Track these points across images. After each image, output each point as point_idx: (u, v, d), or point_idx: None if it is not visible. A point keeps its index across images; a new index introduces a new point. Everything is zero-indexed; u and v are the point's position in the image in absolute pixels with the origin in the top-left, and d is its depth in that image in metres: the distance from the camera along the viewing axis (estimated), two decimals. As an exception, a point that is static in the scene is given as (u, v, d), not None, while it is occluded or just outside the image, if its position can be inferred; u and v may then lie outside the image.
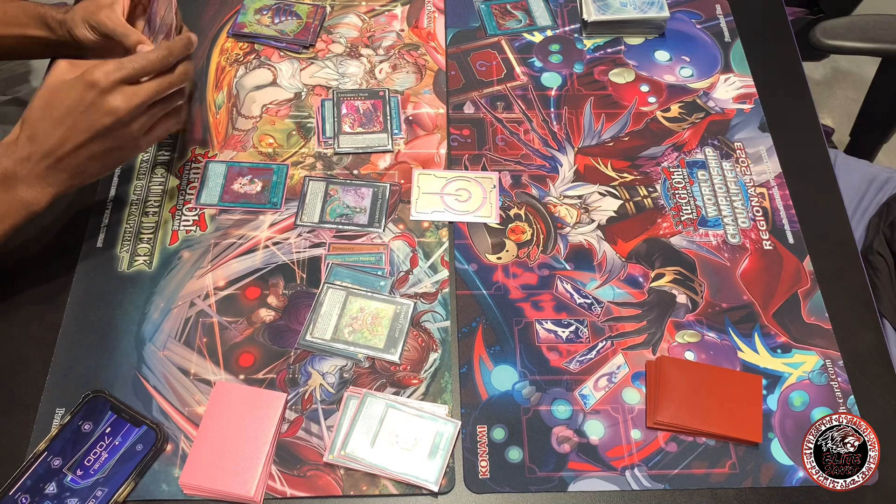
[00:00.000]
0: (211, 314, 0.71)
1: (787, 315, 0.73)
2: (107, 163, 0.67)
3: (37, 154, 0.63)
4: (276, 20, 0.93)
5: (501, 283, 0.74)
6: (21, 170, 0.63)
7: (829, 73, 1.90)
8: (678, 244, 0.78)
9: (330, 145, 0.83)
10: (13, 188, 0.64)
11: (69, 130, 0.62)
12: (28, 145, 0.63)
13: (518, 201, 0.80)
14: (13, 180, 0.63)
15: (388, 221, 0.78)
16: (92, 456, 0.62)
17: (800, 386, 0.69)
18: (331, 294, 0.72)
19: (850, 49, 1.02)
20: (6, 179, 0.63)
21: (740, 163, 0.84)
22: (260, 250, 0.75)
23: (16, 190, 0.64)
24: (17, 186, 0.64)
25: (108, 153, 0.65)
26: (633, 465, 0.65)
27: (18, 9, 0.79)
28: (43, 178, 0.64)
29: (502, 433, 0.66)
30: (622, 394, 0.68)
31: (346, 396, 0.67)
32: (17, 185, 0.64)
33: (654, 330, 0.72)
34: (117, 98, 0.62)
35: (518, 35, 0.94)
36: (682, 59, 0.92)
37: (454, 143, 0.84)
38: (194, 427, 0.65)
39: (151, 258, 0.75)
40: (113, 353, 0.69)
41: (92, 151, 0.64)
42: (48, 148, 0.63)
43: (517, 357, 0.70)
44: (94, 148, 0.64)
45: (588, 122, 0.86)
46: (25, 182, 0.64)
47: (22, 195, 0.64)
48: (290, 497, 0.63)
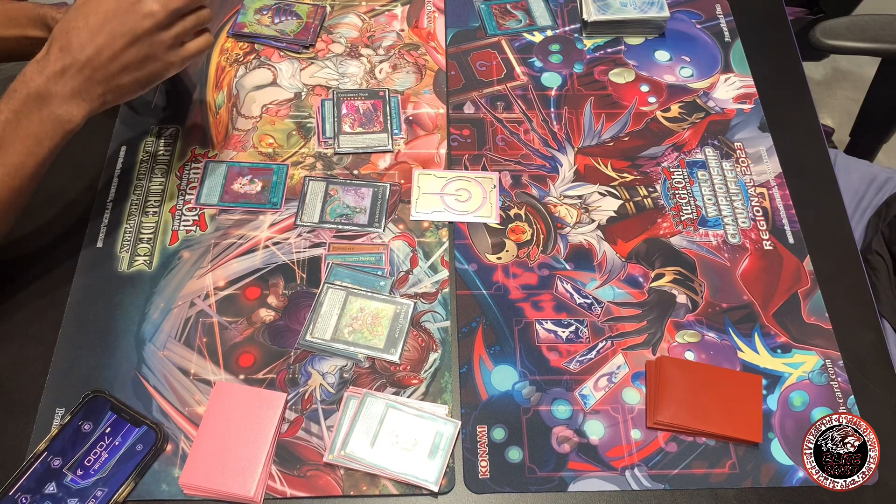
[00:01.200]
0: (211, 314, 0.71)
1: (787, 315, 0.73)
2: (141, 77, 0.66)
3: (72, 67, 0.62)
4: (276, 20, 0.93)
5: (501, 283, 0.74)
6: (54, 86, 0.62)
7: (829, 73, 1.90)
8: (678, 244, 0.78)
9: (330, 145, 0.83)
10: (47, 105, 0.63)
11: (107, 36, 0.62)
12: (61, 58, 0.62)
13: (518, 201, 0.80)
14: (46, 98, 0.62)
15: (388, 221, 0.78)
16: (92, 456, 0.62)
17: (800, 386, 0.69)
18: (331, 294, 0.72)
19: (850, 49, 1.02)
20: (39, 98, 0.62)
21: (740, 163, 0.84)
22: (260, 250, 0.76)
23: (50, 107, 0.63)
24: (50, 104, 0.63)
25: (143, 63, 0.65)
26: (633, 465, 0.65)
27: (17, 10, 0.79)
28: (78, 93, 0.63)
29: (502, 433, 0.66)
30: (622, 394, 0.68)
31: (346, 396, 0.67)
32: (50, 103, 0.63)
33: (654, 330, 0.72)
34: (154, 2, 0.63)
35: (518, 35, 0.94)
36: (683, 59, 0.92)
37: (454, 143, 0.84)
38: (194, 427, 0.65)
39: (151, 258, 0.75)
40: (113, 353, 0.69)
41: (128, 60, 0.64)
42: (84, 58, 0.62)
43: (517, 357, 0.70)
44: (130, 56, 0.64)
45: (588, 122, 0.86)
46: (59, 98, 0.63)
47: (56, 112, 0.63)
48: (290, 497, 0.63)
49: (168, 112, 0.86)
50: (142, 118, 0.85)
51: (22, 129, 0.63)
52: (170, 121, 0.85)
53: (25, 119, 0.62)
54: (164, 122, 0.85)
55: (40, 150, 0.63)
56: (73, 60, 0.62)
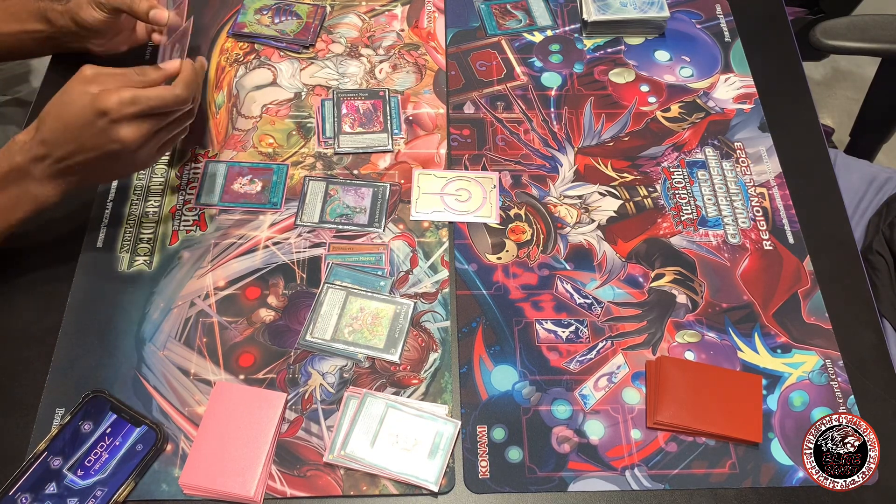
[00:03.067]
0: (211, 314, 0.71)
1: (787, 315, 0.73)
2: (116, 172, 0.72)
3: (49, 157, 0.64)
4: (276, 20, 0.93)
5: (501, 283, 0.74)
6: (33, 168, 0.65)
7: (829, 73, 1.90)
8: (678, 244, 0.78)
9: (330, 145, 0.83)
10: (24, 183, 0.65)
11: (78, 146, 0.63)
12: (42, 146, 0.64)
13: (518, 201, 0.80)
14: (25, 177, 0.65)
15: (388, 221, 0.78)
16: (92, 456, 0.62)
17: (800, 386, 0.69)
18: (331, 294, 0.72)
19: (850, 49, 1.02)
20: (19, 175, 0.65)
21: (740, 163, 0.84)
22: (260, 250, 0.75)
23: (27, 185, 0.66)
24: (28, 182, 0.65)
25: (115, 168, 0.68)
26: (633, 465, 0.65)
27: (17, 4, 0.79)
28: (53, 178, 0.66)
29: (502, 433, 0.66)
30: (622, 394, 0.68)
31: (346, 396, 0.67)
32: (28, 181, 0.65)
33: (654, 330, 0.72)
34: (126, 130, 0.63)
35: (518, 35, 0.94)
36: (682, 59, 0.92)
37: (454, 143, 0.84)
38: (194, 427, 0.65)
39: (151, 258, 0.75)
40: (113, 353, 0.69)
41: (101, 165, 0.66)
42: (59, 156, 0.64)
43: (517, 357, 0.70)
44: (102, 163, 0.65)
45: (588, 122, 0.86)
46: (37, 180, 0.66)
47: (33, 191, 0.66)
48: (290, 497, 0.63)
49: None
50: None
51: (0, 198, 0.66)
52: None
53: (4, 190, 0.66)
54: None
55: (12, 218, 0.67)
56: (49, 153, 0.64)
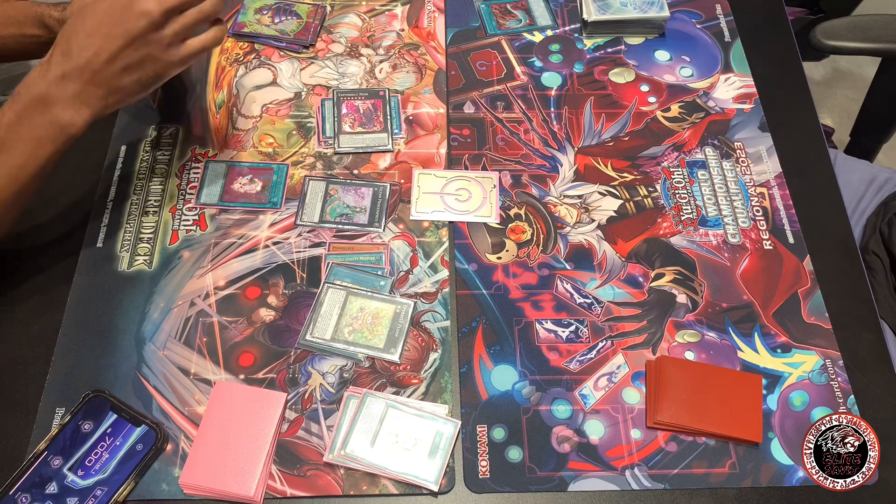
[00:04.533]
0: (211, 314, 0.71)
1: (787, 315, 0.73)
2: (142, 77, 0.65)
3: (72, 71, 0.62)
4: (277, 20, 0.93)
5: (501, 282, 0.74)
6: (56, 90, 0.62)
7: (829, 73, 1.90)
8: (678, 244, 0.78)
9: (330, 145, 0.83)
10: (49, 110, 0.63)
11: (103, 39, 0.62)
12: (62, 62, 0.62)
13: (518, 201, 0.80)
14: (48, 102, 0.63)
15: (388, 221, 0.78)
16: (92, 456, 0.62)
17: (800, 386, 0.69)
18: (331, 294, 0.72)
19: (850, 49, 1.02)
20: (42, 102, 0.63)
21: (740, 163, 0.84)
22: (260, 250, 0.76)
23: (52, 112, 0.63)
24: (53, 108, 0.63)
25: (142, 63, 0.64)
26: (633, 464, 0.65)
27: (15, 8, 0.79)
28: (79, 97, 0.63)
29: (502, 433, 0.66)
30: (622, 394, 0.68)
31: (346, 396, 0.67)
32: (52, 107, 0.63)
33: (654, 330, 0.72)
34: (149, 1, 0.62)
35: (518, 35, 0.94)
36: (683, 58, 0.92)
37: (454, 143, 0.84)
38: (194, 427, 0.65)
39: (151, 258, 0.75)
40: (113, 352, 0.69)
41: (126, 61, 0.63)
42: (83, 61, 0.62)
43: (517, 357, 0.70)
44: (128, 57, 0.63)
45: (588, 122, 0.86)
46: (61, 103, 0.63)
47: (59, 116, 0.63)
48: (290, 497, 0.63)
49: (168, 112, 0.86)
50: (142, 118, 0.85)
51: (24, 133, 0.63)
52: (170, 121, 0.85)
53: (28, 122, 0.63)
54: (164, 122, 0.85)
55: (42, 153, 0.64)
56: (73, 65, 0.62)
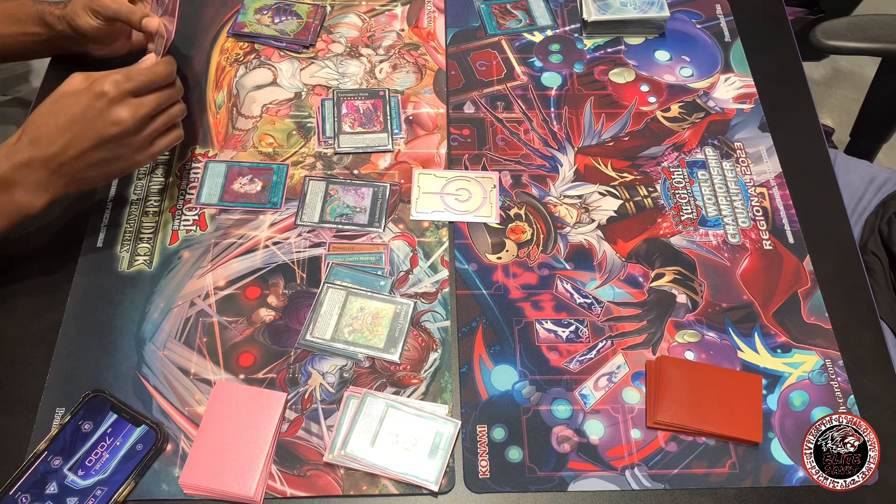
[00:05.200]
0: (211, 314, 0.71)
1: (787, 315, 0.73)
2: (106, 172, 0.68)
3: (37, 160, 0.64)
4: (277, 20, 0.93)
5: (501, 282, 0.74)
6: (20, 175, 0.64)
7: (829, 73, 1.90)
8: (678, 244, 0.78)
9: (330, 145, 0.83)
10: (10, 192, 0.64)
11: (74, 137, 0.63)
12: (29, 150, 0.63)
13: (518, 201, 0.80)
14: (10, 185, 0.64)
15: (388, 221, 0.78)
16: (92, 456, 0.62)
17: (800, 386, 0.69)
18: (331, 294, 0.72)
19: (850, 49, 1.02)
20: (4, 182, 0.64)
21: (740, 163, 0.84)
22: (260, 250, 0.75)
23: (12, 194, 0.65)
24: (13, 190, 0.64)
25: (108, 162, 0.66)
26: (633, 464, 0.65)
27: (16, 7, 0.79)
28: (41, 184, 0.65)
29: (502, 433, 0.66)
30: (622, 394, 0.68)
31: (346, 396, 0.67)
32: (13, 190, 0.64)
33: (654, 330, 0.72)
34: (124, 109, 0.63)
35: (518, 35, 0.94)
36: (682, 58, 0.92)
37: (454, 143, 0.84)
38: (194, 427, 0.65)
39: (151, 258, 0.75)
40: (113, 352, 0.69)
41: (93, 159, 0.65)
42: (50, 153, 0.63)
43: (517, 357, 0.70)
44: (96, 156, 0.65)
45: (588, 122, 0.86)
46: (23, 187, 0.64)
47: (18, 199, 0.65)
48: (290, 497, 0.63)
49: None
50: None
51: None
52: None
53: None
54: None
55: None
56: (40, 154, 0.63)
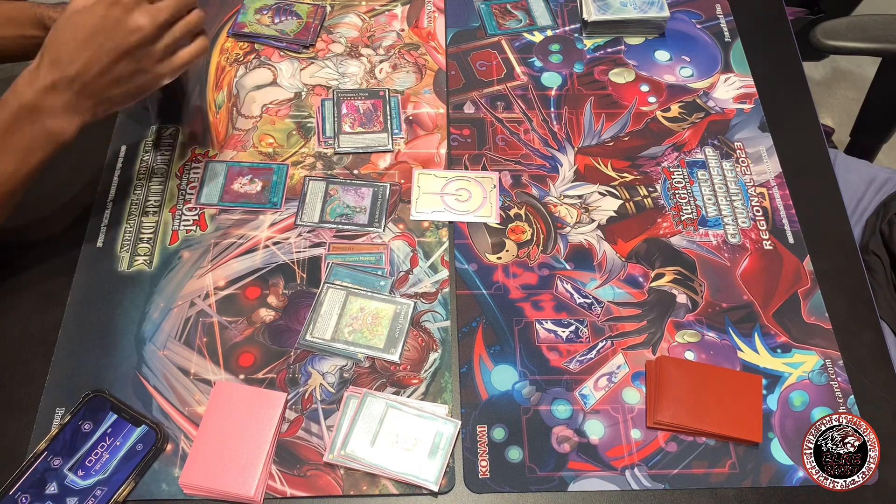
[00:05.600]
0: (211, 314, 0.71)
1: (787, 315, 0.73)
2: (131, 88, 0.66)
3: (62, 81, 0.62)
4: (276, 20, 0.93)
5: (501, 282, 0.74)
6: (46, 100, 0.62)
7: (829, 73, 1.90)
8: (678, 244, 0.78)
9: (330, 145, 0.83)
10: (39, 119, 0.62)
11: (95, 52, 0.61)
12: (51, 72, 0.62)
13: (518, 201, 0.80)
14: (38, 112, 0.62)
15: (388, 221, 0.78)
16: (92, 456, 0.62)
17: (800, 386, 0.69)
18: (331, 294, 0.72)
19: (850, 49, 1.02)
20: (31, 111, 0.62)
21: (740, 163, 0.84)
22: (260, 250, 0.76)
23: (42, 121, 0.63)
24: (43, 117, 0.62)
25: (133, 76, 0.65)
26: (633, 464, 0.65)
27: (15, 9, 0.79)
28: (69, 107, 0.63)
29: (502, 433, 0.66)
30: (622, 394, 0.68)
31: (346, 396, 0.67)
32: (42, 116, 0.62)
33: (654, 330, 0.72)
34: (142, 15, 0.62)
35: (518, 35, 0.94)
36: (682, 58, 0.92)
37: (454, 143, 0.84)
38: (194, 427, 0.65)
39: (151, 258, 0.75)
40: (113, 352, 0.69)
41: (117, 74, 0.63)
42: (73, 73, 0.62)
43: (517, 357, 0.70)
44: (119, 70, 0.63)
45: (588, 122, 0.86)
46: (51, 112, 0.63)
47: (48, 126, 0.63)
48: (290, 497, 0.63)
49: (167, 113, 0.86)
50: (142, 119, 0.85)
51: (14, 141, 0.63)
52: (169, 121, 0.85)
53: (17, 131, 0.63)
54: (163, 122, 0.85)
55: (32, 160, 0.64)
56: (62, 75, 0.62)
